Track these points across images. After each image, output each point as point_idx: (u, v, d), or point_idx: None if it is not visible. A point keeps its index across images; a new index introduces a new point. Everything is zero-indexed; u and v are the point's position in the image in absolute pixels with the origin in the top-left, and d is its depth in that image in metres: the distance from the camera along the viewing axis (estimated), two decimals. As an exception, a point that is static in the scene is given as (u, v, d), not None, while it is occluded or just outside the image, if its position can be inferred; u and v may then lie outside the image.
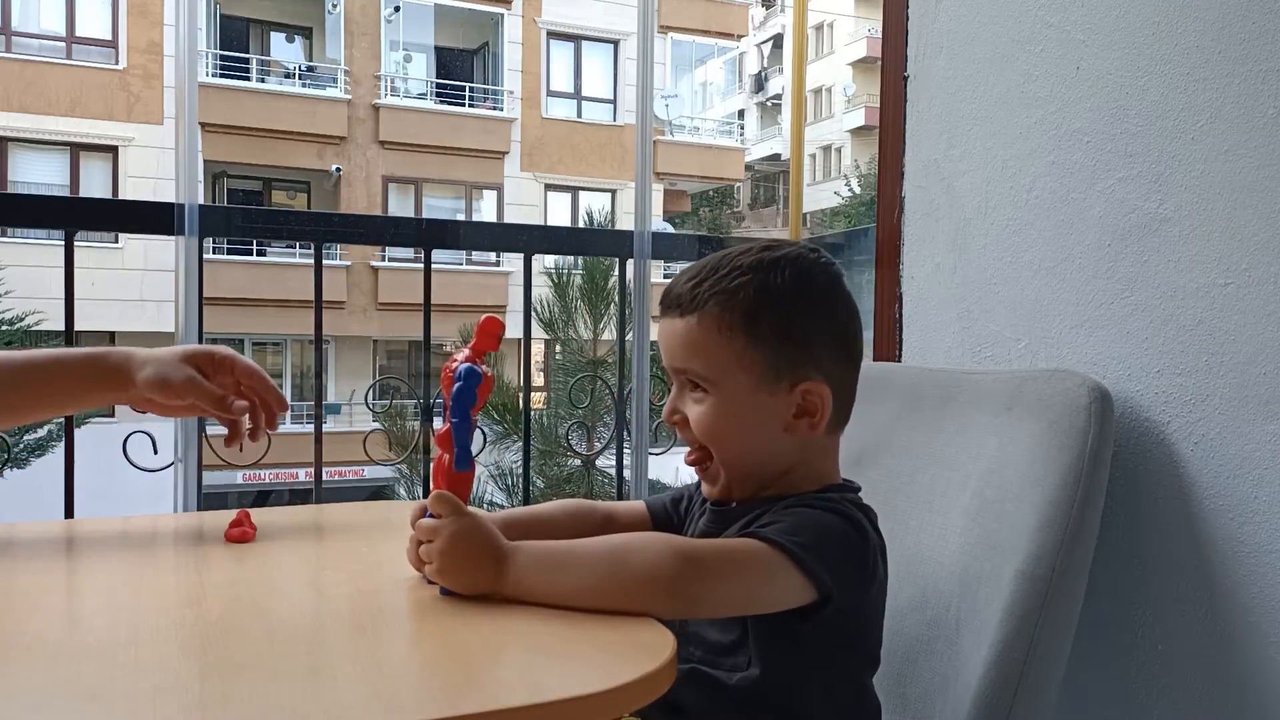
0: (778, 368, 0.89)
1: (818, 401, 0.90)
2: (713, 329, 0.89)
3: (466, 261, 15.34)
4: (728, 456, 0.92)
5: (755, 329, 0.89)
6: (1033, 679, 0.93)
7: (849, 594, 0.85)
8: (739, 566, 0.81)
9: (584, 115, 17.29)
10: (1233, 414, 1.00)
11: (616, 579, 0.78)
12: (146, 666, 0.66)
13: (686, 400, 0.92)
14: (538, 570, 0.79)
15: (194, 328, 1.74)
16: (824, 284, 0.92)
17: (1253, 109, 0.99)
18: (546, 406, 7.70)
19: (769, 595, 0.82)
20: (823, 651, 0.87)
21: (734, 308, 0.89)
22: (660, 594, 0.77)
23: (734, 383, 0.89)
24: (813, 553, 0.82)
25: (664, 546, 0.80)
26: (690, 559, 0.79)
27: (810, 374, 0.90)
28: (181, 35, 1.76)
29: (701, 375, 0.91)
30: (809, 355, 0.90)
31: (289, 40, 16.50)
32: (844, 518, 0.87)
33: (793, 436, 0.90)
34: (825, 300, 0.92)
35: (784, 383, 0.89)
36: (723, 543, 0.85)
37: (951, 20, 1.37)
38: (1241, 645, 0.99)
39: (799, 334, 0.90)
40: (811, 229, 23.47)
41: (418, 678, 0.66)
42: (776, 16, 27.39)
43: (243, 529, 1.01)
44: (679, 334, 0.91)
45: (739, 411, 0.90)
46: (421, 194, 16.39)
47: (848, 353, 0.93)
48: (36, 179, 14.14)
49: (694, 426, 0.92)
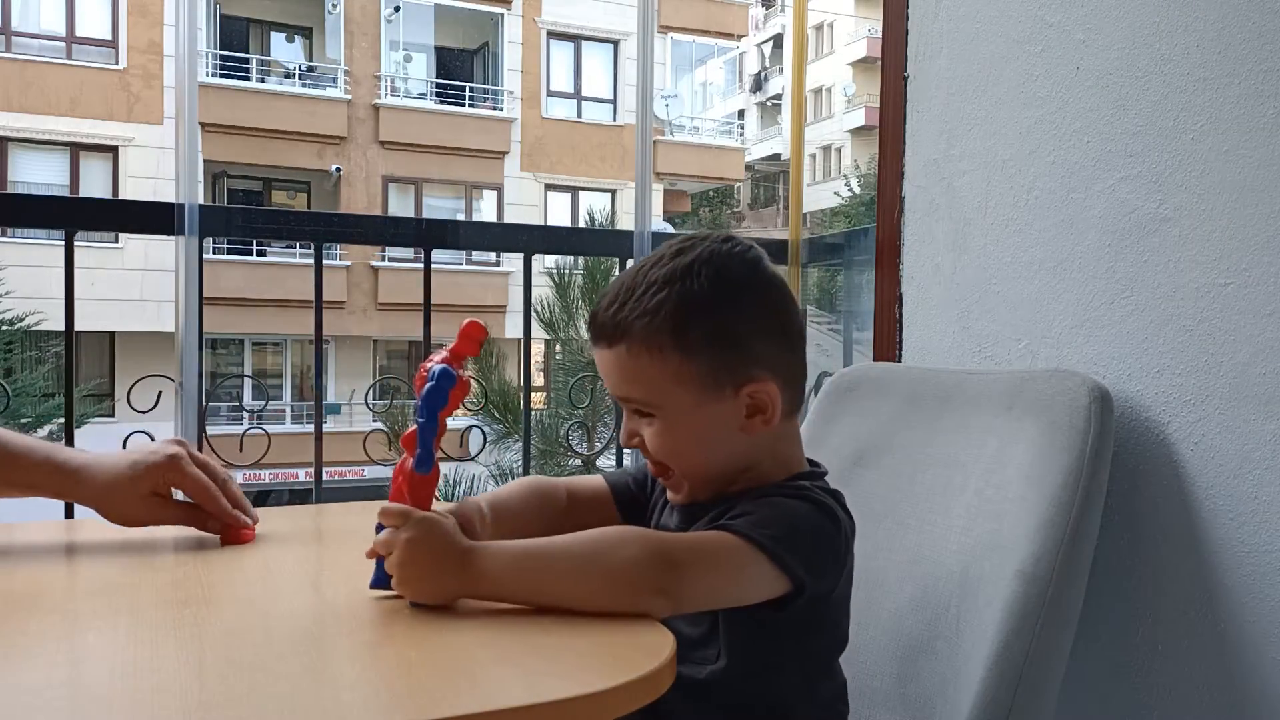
0: (718, 376, 0.87)
1: (766, 399, 0.88)
2: (643, 354, 0.87)
3: (466, 261, 15.34)
4: (688, 469, 0.91)
5: (686, 343, 0.86)
6: (1033, 679, 0.93)
7: (822, 581, 0.84)
8: (714, 561, 0.80)
9: (584, 115, 17.28)
10: (1233, 414, 1.00)
11: (596, 580, 0.77)
12: (146, 666, 0.66)
13: (639, 423, 0.91)
14: (511, 572, 0.77)
15: (194, 328, 1.74)
16: (745, 277, 0.89)
17: (1253, 109, 0.99)
18: (547, 406, 7.70)
19: (743, 588, 0.82)
20: (794, 640, 0.87)
21: (659, 328, 0.86)
22: (644, 594, 0.76)
23: (677, 402, 0.87)
24: (784, 544, 0.81)
25: (641, 545, 0.78)
26: (668, 557, 0.78)
27: (753, 373, 0.88)
28: (181, 35, 1.76)
29: (643, 400, 0.89)
30: (748, 355, 0.88)
31: (289, 40, 16.50)
32: (814, 504, 0.86)
33: (749, 435, 0.89)
34: (751, 293, 0.89)
35: (728, 389, 0.87)
36: (696, 537, 0.84)
37: (951, 20, 1.37)
38: (1241, 645, 0.99)
39: (732, 336, 0.87)
40: (811, 229, 23.45)
41: (417, 678, 0.66)
42: (776, 16, 27.39)
43: (243, 529, 1.01)
44: (612, 364, 0.89)
45: (689, 427, 0.88)
46: (421, 194, 16.38)
47: (786, 338, 0.91)
48: (36, 179, 14.14)
49: (650, 448, 0.90)
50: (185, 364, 1.75)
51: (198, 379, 1.78)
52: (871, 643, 1.08)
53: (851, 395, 1.28)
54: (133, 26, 14.23)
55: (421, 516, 0.78)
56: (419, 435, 0.82)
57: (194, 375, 1.76)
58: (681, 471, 0.91)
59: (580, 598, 0.76)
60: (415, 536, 0.77)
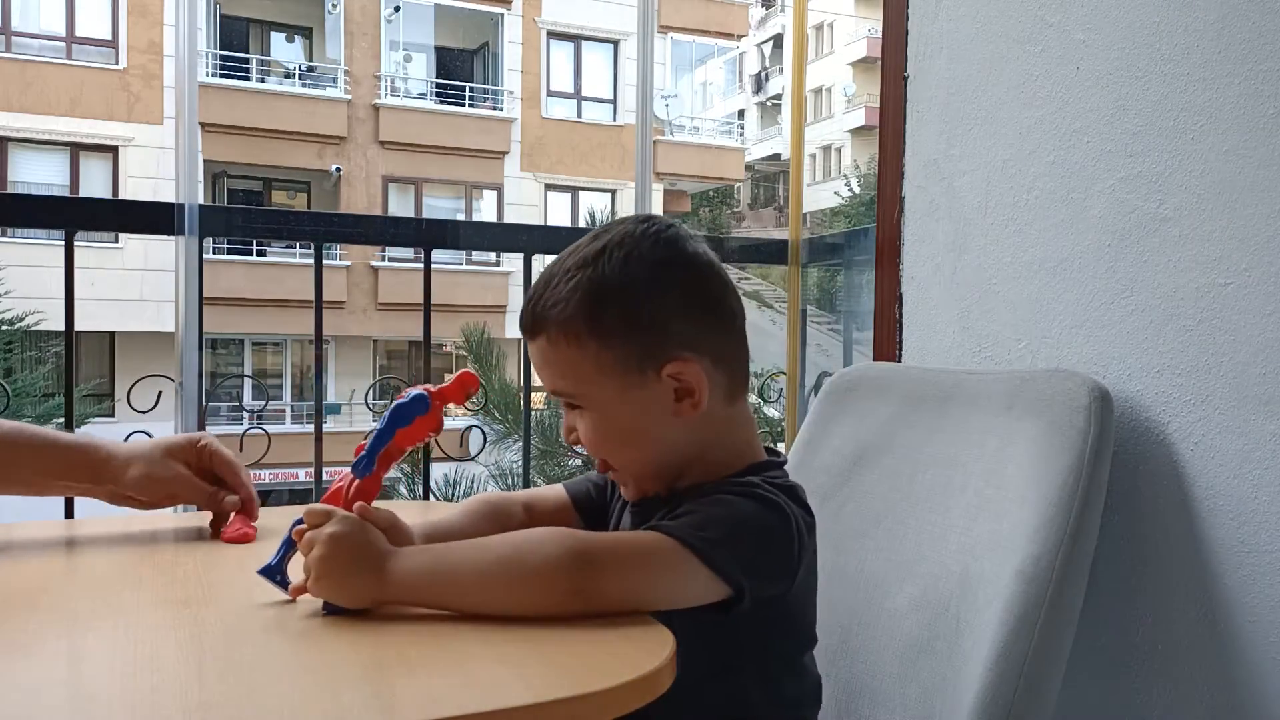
0: (638, 360, 0.85)
1: (691, 379, 0.86)
2: (561, 343, 0.85)
3: (466, 261, 15.34)
4: (625, 461, 0.89)
5: (600, 329, 0.84)
6: (1033, 679, 0.93)
7: (769, 585, 0.82)
8: (637, 562, 0.78)
9: (584, 115, 17.28)
10: (1233, 414, 1.00)
11: (509, 582, 0.75)
12: (146, 666, 0.66)
13: (574, 417, 0.89)
14: (424, 577, 0.76)
15: (194, 328, 1.74)
16: (660, 257, 0.87)
17: (1253, 109, 0.99)
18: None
19: (673, 591, 0.79)
20: (752, 640, 0.85)
21: (574, 315, 0.85)
22: (557, 594, 0.74)
23: (601, 391, 0.86)
24: (722, 548, 0.79)
25: (558, 544, 0.76)
26: (585, 555, 0.76)
27: (673, 353, 0.85)
28: (181, 35, 1.76)
29: (570, 392, 0.88)
30: (664, 335, 0.86)
31: (289, 40, 16.50)
32: (762, 503, 0.83)
33: (684, 421, 0.87)
34: (666, 272, 0.87)
35: (649, 372, 0.85)
36: (622, 537, 0.82)
37: (951, 20, 1.37)
38: (1241, 645, 0.99)
39: (645, 319, 0.85)
40: (811, 229, 23.45)
41: (417, 678, 0.66)
42: (776, 16, 27.38)
43: (242, 529, 1.01)
44: (537, 357, 0.88)
45: (618, 416, 0.87)
46: (421, 194, 16.38)
47: (713, 316, 0.89)
48: (36, 179, 14.14)
49: (585, 443, 0.89)
50: (185, 364, 1.75)
51: (198, 379, 1.78)
52: (871, 643, 1.08)
53: (851, 395, 1.28)
54: (133, 26, 14.23)
55: (345, 515, 0.77)
56: (370, 439, 0.82)
57: (194, 375, 1.76)
58: (619, 465, 0.90)
59: (493, 600, 0.75)
60: (338, 533, 0.75)
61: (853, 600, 1.12)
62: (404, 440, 0.84)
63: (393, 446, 0.83)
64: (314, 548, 0.76)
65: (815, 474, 1.23)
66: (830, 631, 1.11)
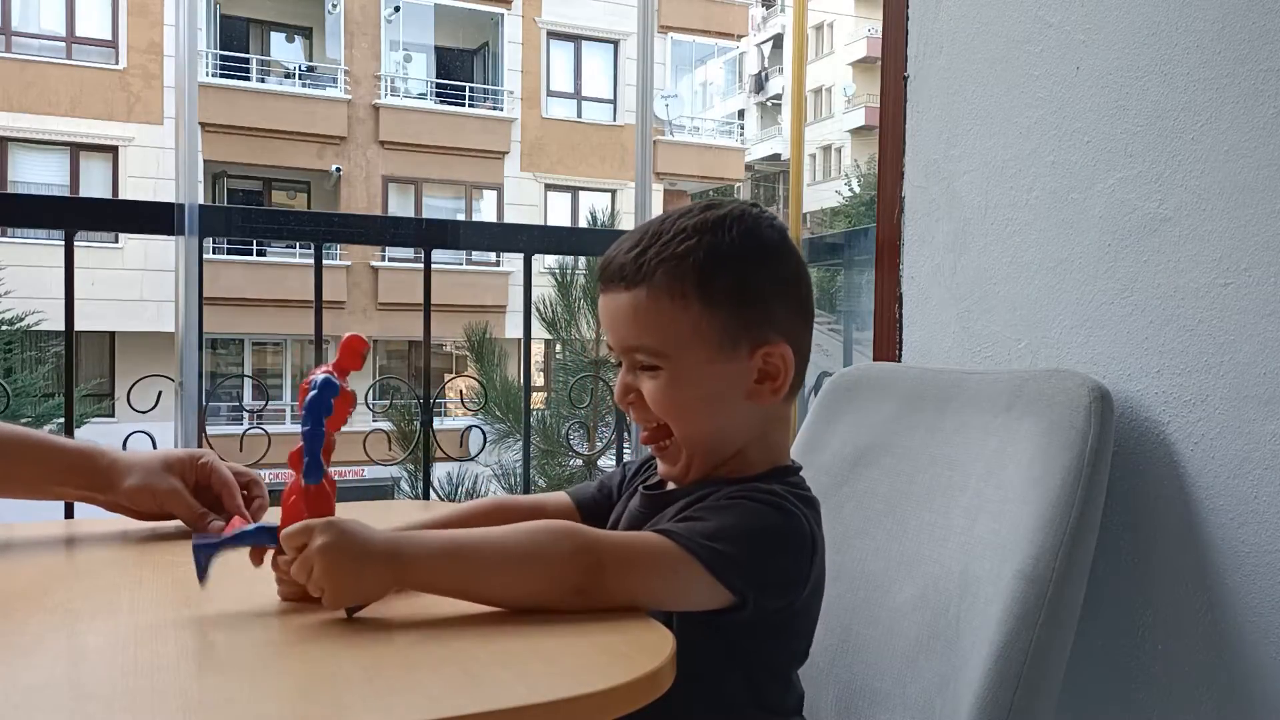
0: (735, 332, 0.85)
1: (779, 363, 0.86)
2: (664, 298, 0.84)
3: (466, 261, 15.34)
4: (690, 431, 0.87)
5: (709, 293, 0.84)
6: (1033, 679, 0.93)
7: (773, 597, 0.81)
8: (644, 566, 0.78)
9: (584, 115, 17.29)
10: (1233, 414, 1.00)
11: (520, 572, 0.75)
12: (146, 666, 0.66)
13: (639, 378, 0.87)
14: (442, 560, 0.75)
15: (194, 328, 1.74)
16: (774, 240, 0.89)
17: (1253, 109, 0.99)
18: (548, 406, 7.70)
19: (676, 595, 0.79)
20: (748, 647, 0.85)
21: (685, 273, 0.84)
22: (560, 591, 0.74)
23: (691, 354, 0.85)
24: (729, 559, 0.78)
25: (570, 542, 0.76)
26: (594, 556, 0.76)
27: (770, 335, 0.86)
28: (181, 35, 1.76)
29: (655, 350, 0.85)
30: (767, 315, 0.86)
31: (289, 40, 16.51)
32: (783, 514, 0.82)
33: (756, 404, 0.87)
34: (777, 256, 0.89)
35: (743, 347, 0.86)
36: (631, 539, 0.81)
37: (951, 20, 1.37)
38: (1242, 645, 0.99)
39: (754, 294, 0.86)
40: (811, 229, 23.45)
41: (417, 678, 0.66)
42: (776, 16, 27.39)
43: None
44: (625, 308, 0.86)
45: (699, 382, 0.85)
46: (421, 194, 16.39)
47: (803, 310, 0.90)
48: (36, 179, 14.14)
49: (651, 403, 0.86)
50: (185, 364, 1.75)
51: (198, 379, 1.78)
52: (871, 643, 1.08)
53: (851, 395, 1.28)
54: (133, 26, 14.23)
55: (325, 522, 0.73)
56: (305, 444, 0.79)
57: (194, 375, 1.77)
58: (681, 434, 0.88)
59: (505, 586, 0.75)
60: (328, 543, 0.72)
61: (853, 599, 1.12)
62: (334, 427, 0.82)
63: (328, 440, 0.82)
64: (312, 568, 0.72)
65: (815, 474, 1.23)
66: (830, 631, 1.11)
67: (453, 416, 8.03)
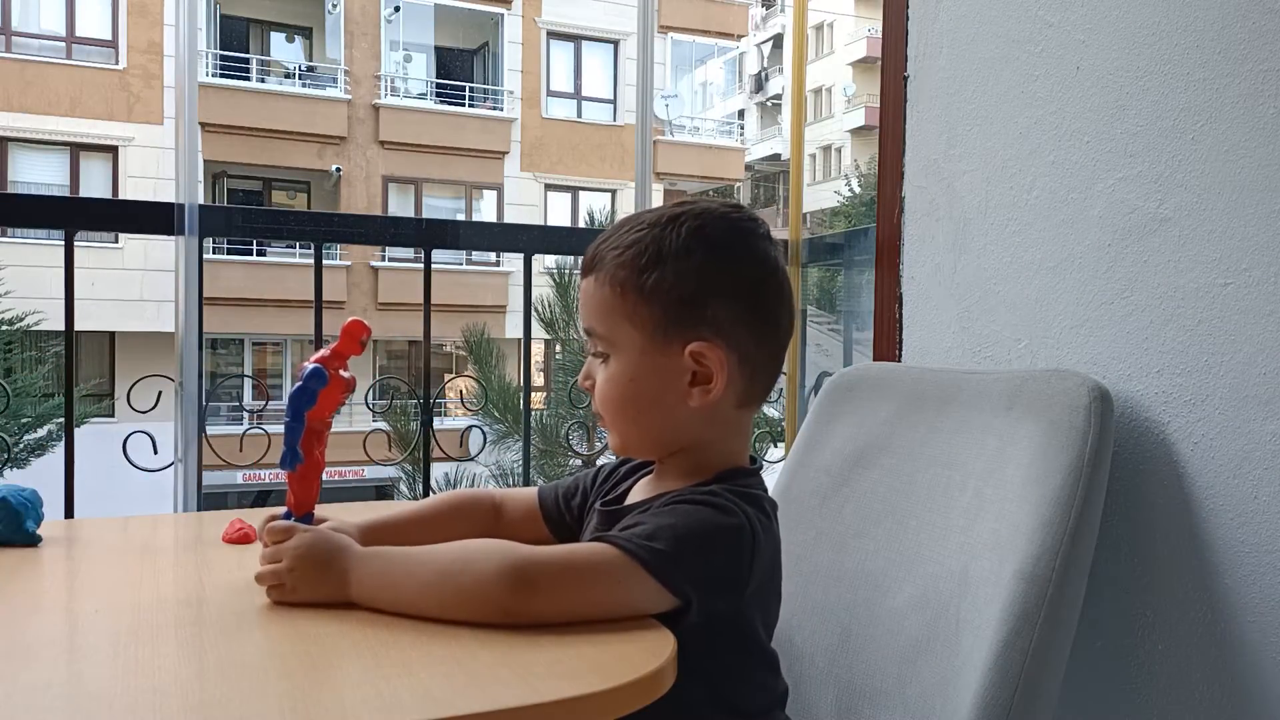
0: (667, 327, 0.86)
1: (712, 366, 0.86)
2: (607, 286, 0.88)
3: (466, 261, 15.34)
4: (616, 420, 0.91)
5: (642, 285, 0.87)
6: (1033, 679, 0.93)
7: (717, 598, 0.81)
8: (581, 577, 0.78)
9: (584, 115, 17.28)
10: (1233, 414, 1.00)
11: (448, 594, 0.76)
12: (146, 666, 0.66)
13: (596, 365, 0.92)
14: (377, 581, 0.79)
15: (194, 328, 1.74)
16: (726, 240, 0.88)
17: (1253, 109, 0.99)
18: (547, 406, 7.71)
19: (619, 603, 0.78)
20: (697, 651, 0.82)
21: (625, 264, 0.88)
22: (490, 610, 0.75)
23: (628, 342, 0.88)
24: (669, 560, 0.78)
25: (498, 561, 0.77)
26: (523, 574, 0.76)
27: (703, 333, 0.86)
28: (181, 35, 1.76)
29: (601, 335, 0.90)
30: (701, 314, 0.86)
31: (289, 40, 16.50)
32: (719, 511, 0.82)
33: (690, 406, 0.87)
34: (725, 256, 0.88)
35: (675, 343, 0.86)
36: (566, 553, 0.81)
37: (951, 20, 1.37)
38: (1242, 645, 0.99)
39: (689, 290, 0.86)
40: (811, 229, 23.45)
41: (417, 678, 0.66)
42: (776, 16, 27.38)
43: (242, 530, 1.01)
44: (584, 294, 0.92)
45: (632, 372, 0.88)
46: (421, 194, 16.38)
47: (756, 314, 0.89)
48: (36, 179, 14.14)
49: (596, 391, 0.91)
50: (185, 364, 1.75)
51: (198, 379, 1.78)
52: (871, 643, 1.08)
53: (851, 395, 1.28)
54: (133, 26, 14.23)
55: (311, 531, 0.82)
56: (285, 433, 0.84)
57: (194, 375, 1.76)
58: (609, 421, 0.91)
59: (435, 609, 0.76)
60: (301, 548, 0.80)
61: (853, 600, 1.12)
62: (318, 417, 0.85)
63: (310, 430, 0.85)
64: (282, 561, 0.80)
65: (815, 474, 1.23)
66: (830, 631, 1.11)
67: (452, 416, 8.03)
